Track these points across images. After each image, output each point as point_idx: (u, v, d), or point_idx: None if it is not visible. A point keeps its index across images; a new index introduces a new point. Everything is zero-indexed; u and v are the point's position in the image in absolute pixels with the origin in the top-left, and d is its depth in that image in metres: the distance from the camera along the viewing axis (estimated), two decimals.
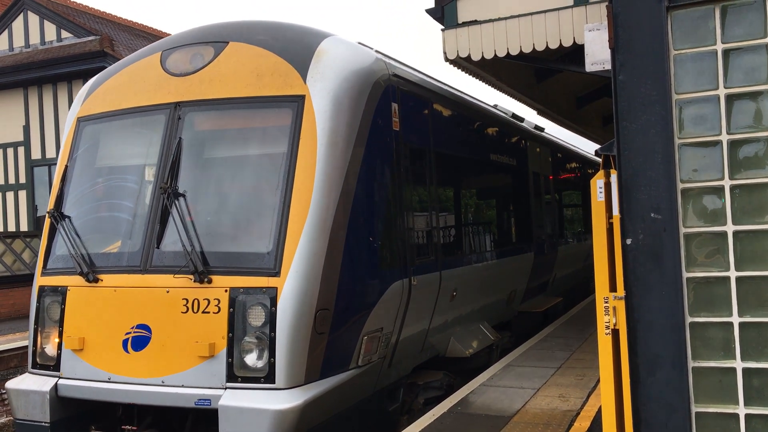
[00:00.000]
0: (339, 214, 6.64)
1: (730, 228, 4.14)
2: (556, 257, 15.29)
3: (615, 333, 4.88)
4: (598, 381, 8.73)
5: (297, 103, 6.74)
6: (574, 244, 17.95)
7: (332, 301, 6.53)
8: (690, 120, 4.20)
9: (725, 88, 4.13)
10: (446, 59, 8.59)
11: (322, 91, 6.79)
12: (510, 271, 12.12)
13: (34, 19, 24.14)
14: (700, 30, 4.17)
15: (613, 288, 4.87)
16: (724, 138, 4.14)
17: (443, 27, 8.49)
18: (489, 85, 10.69)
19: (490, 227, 11.67)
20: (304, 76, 6.84)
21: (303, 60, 6.95)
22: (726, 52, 4.13)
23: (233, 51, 7.17)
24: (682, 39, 4.21)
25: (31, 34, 24.15)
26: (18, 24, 24.39)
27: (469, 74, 9.84)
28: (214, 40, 7.33)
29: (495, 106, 12.86)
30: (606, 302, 4.84)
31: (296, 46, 7.12)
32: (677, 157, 4.21)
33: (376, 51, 8.13)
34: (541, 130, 15.64)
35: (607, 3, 4.30)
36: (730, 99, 4.12)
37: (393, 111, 7.70)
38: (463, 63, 8.95)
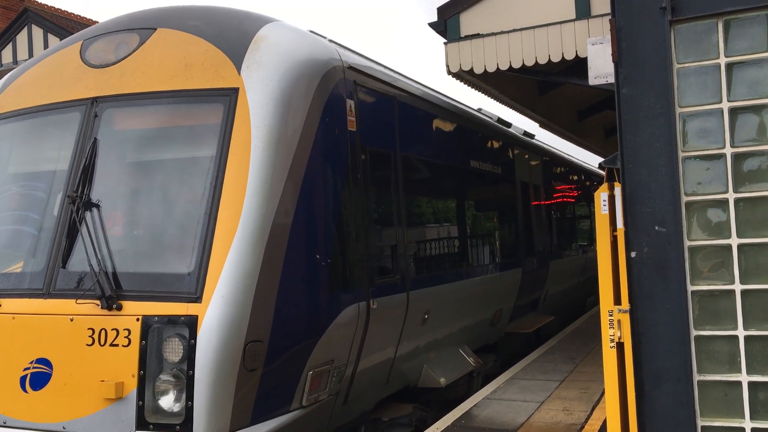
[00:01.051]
0: (277, 227, 5.74)
1: (734, 241, 4.14)
2: (547, 273, 14.36)
3: (620, 346, 4.87)
4: (602, 394, 8.70)
5: (229, 97, 5.86)
6: (569, 258, 16.89)
7: (267, 331, 5.59)
8: (694, 133, 4.21)
9: (729, 101, 4.14)
10: (449, 72, 8.63)
11: (260, 83, 5.92)
12: (494, 288, 11.16)
13: (38, 32, 24.28)
14: (703, 44, 4.19)
15: (617, 301, 4.87)
16: (728, 151, 4.14)
17: (446, 41, 8.53)
18: (491, 98, 10.72)
19: (471, 241, 10.57)
20: (238, 67, 5.96)
21: (239, 48, 6.08)
22: (729, 66, 4.14)
23: (161, 38, 6.28)
24: (686, 52, 4.23)
25: (35, 47, 24.28)
26: (22, 37, 24.54)
27: (472, 87, 9.88)
28: (141, 26, 6.44)
29: (479, 110, 12.17)
30: (611, 315, 4.83)
31: (232, 33, 6.26)
32: (681, 170, 4.22)
33: (330, 40, 7.28)
34: (531, 136, 14.91)
35: (610, 17, 4.32)
36: (734, 112, 4.13)
37: (348, 108, 6.79)
38: (465, 76, 8.99)
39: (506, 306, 11.90)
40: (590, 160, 24.37)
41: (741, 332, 4.12)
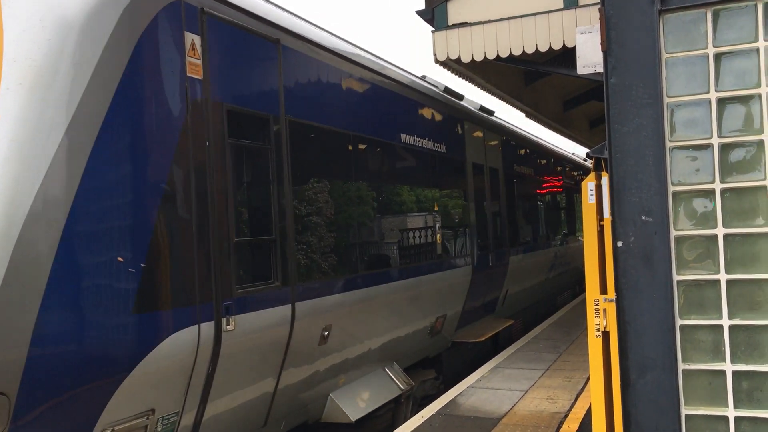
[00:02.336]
0: (41, 214, 4.04)
1: (720, 231, 4.15)
2: (507, 270, 12.54)
3: (605, 335, 4.89)
4: (586, 383, 8.77)
5: None
6: (535, 252, 14.91)
7: (15, 378, 3.91)
8: (681, 123, 4.22)
9: (716, 91, 4.14)
10: (436, 61, 8.59)
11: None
12: (434, 291, 9.36)
13: None
14: (692, 33, 4.19)
15: (603, 290, 4.88)
16: (715, 141, 4.15)
17: (433, 29, 8.49)
18: (479, 87, 10.70)
19: (398, 235, 8.65)
20: None
21: None
22: (717, 56, 4.14)
23: None
24: (674, 42, 4.23)
25: None
26: None
27: (459, 76, 9.85)
28: None
29: (423, 77, 10.64)
30: (596, 304, 4.85)
31: None
32: (668, 160, 4.22)
33: None
34: (490, 113, 13.07)
35: (599, 6, 4.31)
36: (722, 102, 4.14)
37: (189, 47, 5.11)
38: (453, 65, 8.96)
39: (452, 311, 10.25)
40: (575, 150, 24.39)
41: (726, 322, 4.15)
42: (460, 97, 11.65)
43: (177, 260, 4.96)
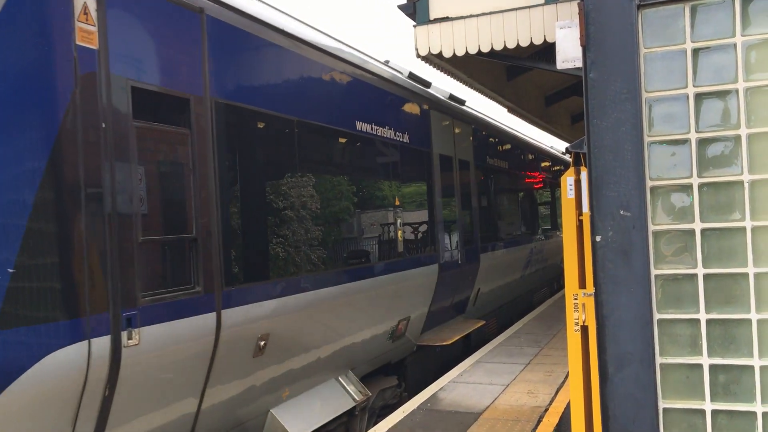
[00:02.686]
0: None
1: (697, 225, 4.18)
2: (478, 268, 11.96)
3: (584, 329, 4.90)
4: (566, 377, 8.81)
5: None
6: (509, 249, 14.18)
7: None
8: (660, 118, 4.23)
9: (694, 86, 4.17)
10: (418, 56, 8.56)
11: None
12: (394, 293, 8.72)
13: None
14: (670, 29, 4.21)
15: (582, 285, 4.90)
16: (693, 136, 4.18)
17: (415, 23, 8.46)
18: (460, 82, 10.68)
19: (350, 232, 7.98)
20: None
21: None
22: (695, 51, 4.16)
23: None
24: (653, 37, 4.24)
25: None
26: None
27: (441, 71, 9.83)
28: None
29: (386, 62, 10.19)
30: (575, 299, 4.86)
31: None
32: (647, 154, 4.24)
33: None
34: (461, 102, 12.41)
35: (578, 1, 4.31)
36: (699, 98, 4.16)
37: (80, 10, 4.44)
38: (434, 60, 8.93)
39: (417, 313, 9.71)
40: (557, 145, 24.51)
41: (703, 316, 4.17)
42: (427, 84, 10.88)
43: (57, 264, 4.24)
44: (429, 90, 10.99)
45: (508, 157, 15.49)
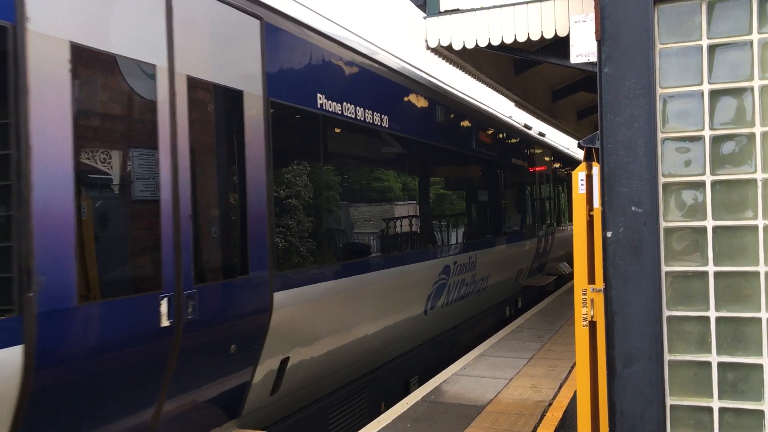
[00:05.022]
0: None
1: (709, 223, 4.17)
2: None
3: (592, 325, 4.90)
4: (570, 372, 8.81)
5: None
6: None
7: None
8: (674, 114, 4.21)
9: (709, 83, 4.14)
10: (427, 47, 8.53)
11: None
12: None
13: None
14: (686, 25, 4.18)
15: (591, 280, 4.89)
16: (707, 133, 4.16)
17: (425, 15, 8.43)
18: (468, 74, 10.65)
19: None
20: None
21: None
22: (711, 48, 4.14)
23: None
24: (668, 33, 4.22)
25: None
26: None
27: (450, 63, 9.80)
28: None
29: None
30: (584, 294, 4.86)
31: None
32: (660, 151, 4.22)
33: None
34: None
35: None
36: (714, 95, 4.14)
37: None
38: (444, 52, 8.90)
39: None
40: (564, 141, 24.40)
41: (712, 313, 4.17)
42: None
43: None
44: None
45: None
